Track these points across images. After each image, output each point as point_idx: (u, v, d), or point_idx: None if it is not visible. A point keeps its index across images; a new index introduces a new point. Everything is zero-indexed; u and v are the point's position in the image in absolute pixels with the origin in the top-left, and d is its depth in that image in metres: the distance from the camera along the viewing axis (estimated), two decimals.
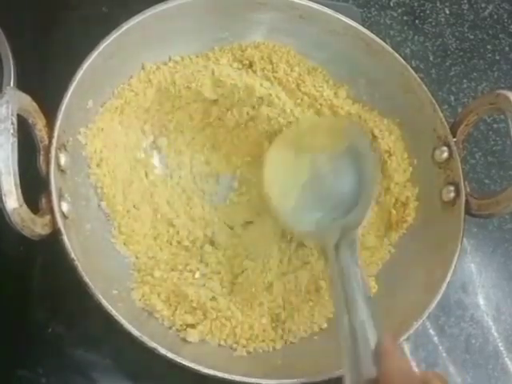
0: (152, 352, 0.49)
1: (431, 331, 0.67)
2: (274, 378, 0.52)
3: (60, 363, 0.56)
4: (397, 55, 0.65)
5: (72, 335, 0.57)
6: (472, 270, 0.71)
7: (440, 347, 0.66)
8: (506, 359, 0.67)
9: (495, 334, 0.68)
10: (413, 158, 0.65)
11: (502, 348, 0.68)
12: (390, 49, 0.65)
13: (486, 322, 0.68)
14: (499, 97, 0.57)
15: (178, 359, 0.48)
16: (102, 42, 0.56)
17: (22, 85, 0.55)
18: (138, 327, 0.48)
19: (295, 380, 0.52)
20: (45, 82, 0.59)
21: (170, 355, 0.48)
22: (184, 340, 0.55)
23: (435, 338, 0.66)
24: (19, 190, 0.44)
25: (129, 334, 0.48)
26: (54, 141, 0.50)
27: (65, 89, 0.53)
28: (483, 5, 0.88)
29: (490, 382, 0.66)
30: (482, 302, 0.70)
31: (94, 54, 0.55)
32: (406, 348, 0.65)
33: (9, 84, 0.58)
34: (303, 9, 0.65)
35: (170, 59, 0.64)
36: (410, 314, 0.56)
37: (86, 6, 0.71)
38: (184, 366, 0.49)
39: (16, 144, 0.45)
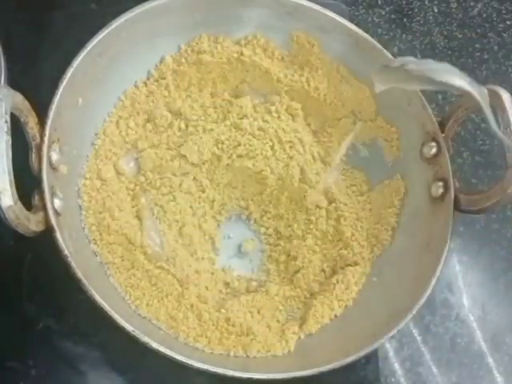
0: (140, 345, 0.49)
1: (416, 330, 0.68)
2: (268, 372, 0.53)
3: (49, 355, 0.58)
4: (385, 51, 0.66)
5: (61, 328, 0.59)
6: (458, 270, 0.73)
7: (425, 346, 0.68)
8: (491, 359, 0.69)
9: (480, 333, 0.70)
10: (400, 152, 0.67)
11: (487, 348, 0.69)
12: (379, 45, 0.67)
13: (471, 322, 0.70)
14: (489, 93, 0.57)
15: (171, 354, 0.49)
16: (91, 40, 0.58)
17: (13, 83, 0.55)
18: (132, 322, 0.49)
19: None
20: (35, 80, 0.61)
21: (163, 350, 0.49)
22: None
23: (420, 337, 0.68)
24: (14, 188, 0.46)
25: (121, 329, 0.49)
26: (46, 139, 0.52)
27: (55, 87, 0.54)
28: (472, 3, 0.89)
29: (475, 381, 0.68)
30: (467, 301, 0.71)
31: (84, 52, 0.57)
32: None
33: (0, 82, 0.59)
34: (291, 5, 0.66)
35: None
36: (399, 309, 0.57)
37: (76, 2, 0.72)
38: (176, 360, 0.49)
39: (10, 142, 0.46)
